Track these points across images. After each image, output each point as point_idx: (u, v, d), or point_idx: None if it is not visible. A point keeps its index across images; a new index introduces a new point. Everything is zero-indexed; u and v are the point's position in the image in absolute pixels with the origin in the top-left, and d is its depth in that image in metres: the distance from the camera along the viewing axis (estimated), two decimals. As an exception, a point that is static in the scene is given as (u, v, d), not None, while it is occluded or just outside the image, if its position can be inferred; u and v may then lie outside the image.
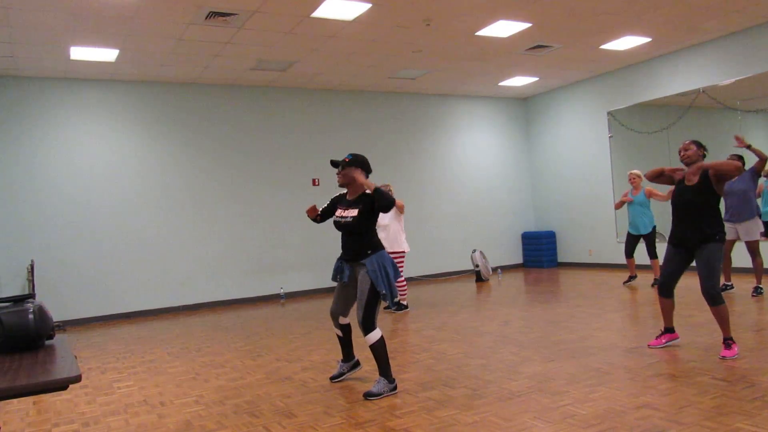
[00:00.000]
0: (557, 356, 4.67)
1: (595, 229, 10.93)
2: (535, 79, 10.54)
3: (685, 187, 4.48)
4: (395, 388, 4.00)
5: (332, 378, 4.42)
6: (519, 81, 10.63)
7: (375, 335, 3.94)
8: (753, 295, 6.71)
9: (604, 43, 8.55)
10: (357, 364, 4.48)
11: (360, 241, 4.03)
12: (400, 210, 7.33)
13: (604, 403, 3.50)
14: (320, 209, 4.39)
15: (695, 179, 4.44)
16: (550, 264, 11.61)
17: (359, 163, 4.12)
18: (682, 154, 4.53)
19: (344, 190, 4.28)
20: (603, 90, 10.62)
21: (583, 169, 11.12)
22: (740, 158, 6.73)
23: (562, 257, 11.72)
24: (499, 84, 10.76)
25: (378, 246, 4.05)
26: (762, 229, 6.72)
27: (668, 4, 7.07)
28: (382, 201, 3.90)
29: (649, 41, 8.61)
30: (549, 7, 6.88)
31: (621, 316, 6.28)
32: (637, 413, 3.29)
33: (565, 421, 3.24)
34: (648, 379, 3.93)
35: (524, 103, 12.28)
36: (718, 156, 6.79)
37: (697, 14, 7.55)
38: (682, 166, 4.62)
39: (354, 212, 4.02)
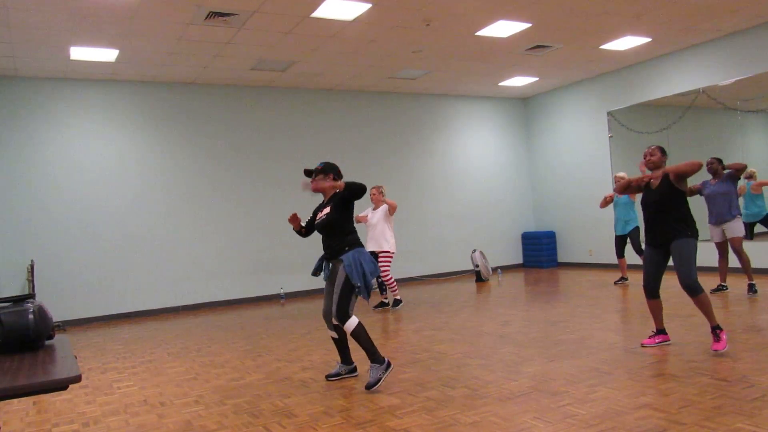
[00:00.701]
0: (557, 356, 4.67)
1: (595, 229, 10.92)
2: (535, 79, 10.54)
3: (650, 189, 4.70)
4: (389, 365, 4.14)
5: (328, 376, 4.48)
6: (519, 81, 10.63)
7: (352, 323, 4.11)
8: (748, 293, 6.74)
9: (604, 43, 8.55)
10: (354, 370, 4.54)
11: (337, 238, 4.23)
12: (392, 210, 7.38)
13: (604, 403, 3.50)
14: (304, 222, 4.55)
15: (658, 181, 4.66)
16: (550, 264, 11.61)
17: (330, 169, 4.39)
18: (647, 158, 4.72)
19: (320, 199, 4.52)
20: (603, 90, 10.62)
21: (583, 169, 11.12)
22: (720, 161, 6.82)
23: (562, 257, 11.71)
24: (499, 84, 10.76)
25: (355, 243, 4.22)
26: (743, 226, 6.79)
27: (668, 4, 7.07)
28: (354, 188, 4.11)
29: (649, 41, 8.61)
30: (549, 7, 6.88)
31: (621, 316, 6.28)
32: (637, 413, 3.29)
33: (565, 421, 3.24)
34: (648, 379, 3.93)
35: (524, 103, 12.28)
36: (704, 156, 6.91)
37: (697, 14, 7.55)
38: (647, 172, 4.82)
39: (327, 209, 4.28)
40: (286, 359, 5.25)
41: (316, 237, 4.52)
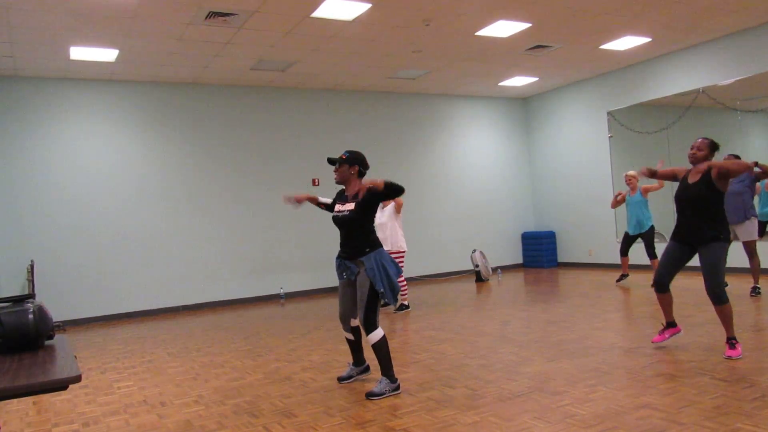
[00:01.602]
0: (557, 356, 4.67)
1: (595, 229, 10.93)
2: (535, 79, 10.54)
3: (688, 184, 4.45)
4: (398, 387, 3.98)
5: (340, 379, 4.38)
6: (519, 81, 10.63)
7: (377, 334, 3.92)
8: (752, 295, 6.73)
9: (604, 43, 8.55)
10: (367, 369, 4.44)
11: (358, 237, 3.98)
12: (399, 207, 7.32)
13: (604, 403, 3.50)
14: (324, 201, 4.33)
15: (698, 176, 4.39)
16: (550, 264, 11.61)
17: (356, 160, 4.07)
18: (694, 151, 4.45)
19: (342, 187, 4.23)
20: (603, 90, 10.62)
21: (583, 169, 11.12)
22: (737, 158, 6.78)
23: (562, 257, 11.72)
24: (499, 84, 10.76)
25: (376, 244, 4.00)
26: (757, 230, 6.75)
27: (668, 4, 7.07)
28: (395, 189, 3.84)
29: (649, 41, 8.61)
30: (549, 7, 6.88)
31: (621, 315, 6.28)
32: (637, 413, 3.29)
33: (565, 421, 3.24)
34: (648, 379, 3.93)
35: (524, 103, 12.28)
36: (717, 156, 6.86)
37: (697, 14, 7.55)
38: (676, 166, 4.65)
39: (351, 206, 3.98)
40: (286, 359, 5.25)
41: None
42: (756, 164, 6.30)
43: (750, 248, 6.72)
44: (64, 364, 2.03)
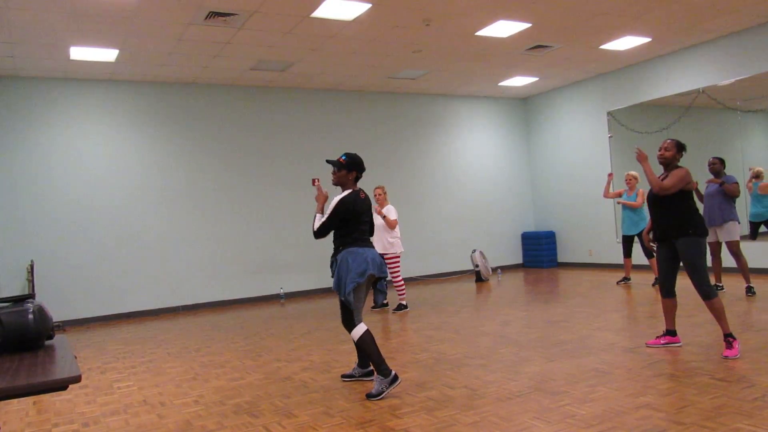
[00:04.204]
0: (557, 356, 4.67)
1: (595, 229, 10.93)
2: (535, 79, 10.54)
3: None
4: (395, 379, 3.93)
5: (343, 376, 4.46)
6: (519, 81, 10.63)
7: (359, 331, 4.02)
8: (747, 296, 6.74)
9: (604, 43, 8.55)
10: (371, 373, 4.42)
11: (336, 238, 4.17)
12: (391, 227, 7.33)
13: (604, 403, 3.50)
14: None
15: (665, 174, 4.63)
16: (549, 264, 11.61)
17: (353, 166, 4.21)
18: (662, 152, 4.65)
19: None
20: (603, 90, 10.62)
21: (583, 169, 11.12)
22: (721, 161, 6.81)
23: (561, 257, 11.72)
24: (499, 84, 10.76)
25: (351, 243, 4.07)
26: (739, 231, 6.74)
27: (668, 4, 7.07)
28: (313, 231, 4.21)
29: (649, 41, 8.61)
30: (549, 7, 6.88)
31: (620, 316, 6.28)
32: (637, 413, 3.29)
33: (565, 421, 3.24)
34: (648, 379, 3.93)
35: (524, 103, 12.28)
36: (704, 155, 6.91)
37: (697, 14, 7.55)
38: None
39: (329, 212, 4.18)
40: (286, 359, 5.25)
41: (312, 239, 4.46)
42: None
43: (733, 249, 6.70)
44: (64, 364, 2.03)
